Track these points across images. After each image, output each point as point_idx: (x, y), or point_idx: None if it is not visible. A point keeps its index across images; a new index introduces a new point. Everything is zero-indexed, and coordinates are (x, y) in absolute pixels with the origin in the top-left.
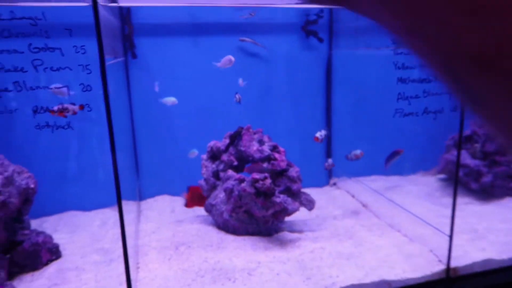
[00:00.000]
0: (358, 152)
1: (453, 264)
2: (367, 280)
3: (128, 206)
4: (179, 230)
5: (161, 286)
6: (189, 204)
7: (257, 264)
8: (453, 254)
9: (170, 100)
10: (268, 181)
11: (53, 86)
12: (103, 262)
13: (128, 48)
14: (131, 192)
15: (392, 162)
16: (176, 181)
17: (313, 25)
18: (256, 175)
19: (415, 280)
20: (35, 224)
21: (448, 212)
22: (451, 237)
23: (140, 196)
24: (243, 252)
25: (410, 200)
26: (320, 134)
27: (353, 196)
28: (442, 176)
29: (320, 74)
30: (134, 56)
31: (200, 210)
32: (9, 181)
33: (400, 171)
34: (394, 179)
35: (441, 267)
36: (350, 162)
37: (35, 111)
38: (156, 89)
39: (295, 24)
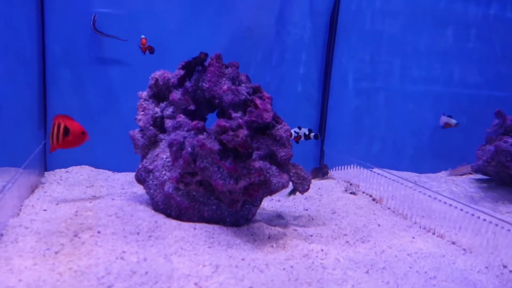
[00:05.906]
0: (454, 121)
1: None
2: None
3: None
4: (87, 207)
5: None
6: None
7: (213, 270)
8: None
9: None
10: (244, 132)
11: None
12: None
13: None
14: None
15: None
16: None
17: None
18: (224, 122)
19: None
20: None
21: None
22: None
23: (46, 165)
24: (191, 248)
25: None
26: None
27: (356, 187)
28: (474, 176)
29: (320, 22)
30: None
31: (135, 186)
32: None
33: (414, 168)
34: (406, 176)
35: None
36: (345, 150)
37: None
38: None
39: None
